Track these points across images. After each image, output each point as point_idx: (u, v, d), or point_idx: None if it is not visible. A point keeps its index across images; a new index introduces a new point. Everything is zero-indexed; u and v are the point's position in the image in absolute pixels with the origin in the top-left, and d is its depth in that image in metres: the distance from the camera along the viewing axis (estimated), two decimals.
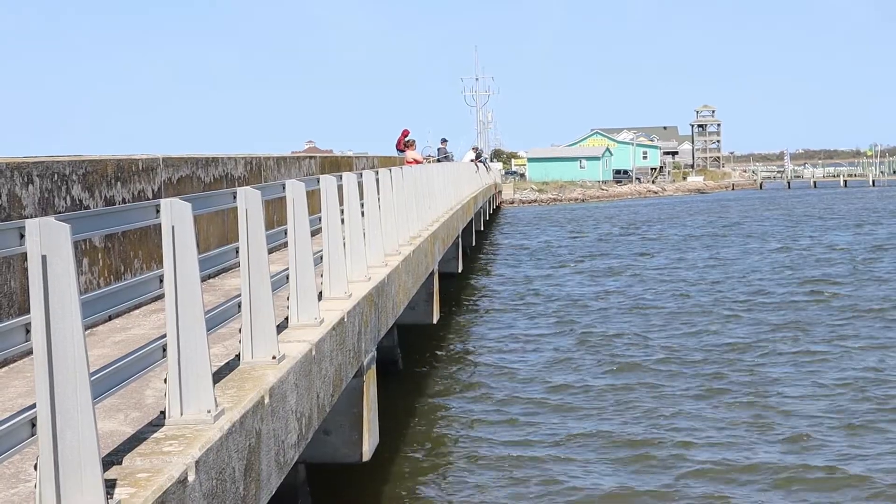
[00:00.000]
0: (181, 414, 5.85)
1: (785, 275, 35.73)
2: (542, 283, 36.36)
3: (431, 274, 19.88)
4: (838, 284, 32.61)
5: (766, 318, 26.48)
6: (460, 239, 30.71)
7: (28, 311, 4.48)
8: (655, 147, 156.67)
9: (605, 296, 32.15)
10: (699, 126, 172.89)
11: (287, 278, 8.84)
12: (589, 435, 15.99)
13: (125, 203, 10.18)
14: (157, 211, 5.94)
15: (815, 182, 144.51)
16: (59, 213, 8.32)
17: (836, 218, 68.39)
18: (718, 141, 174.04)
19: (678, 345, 23.21)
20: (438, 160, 40.13)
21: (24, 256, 4.48)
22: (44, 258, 4.44)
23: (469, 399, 18.78)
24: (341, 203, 11.17)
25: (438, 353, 23.17)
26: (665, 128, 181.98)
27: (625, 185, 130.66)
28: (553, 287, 34.96)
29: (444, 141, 44.00)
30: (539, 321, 27.60)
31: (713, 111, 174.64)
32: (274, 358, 7.35)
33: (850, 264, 38.48)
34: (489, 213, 63.45)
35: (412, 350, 21.50)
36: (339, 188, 11.14)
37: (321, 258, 10.26)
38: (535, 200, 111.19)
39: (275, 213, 14.40)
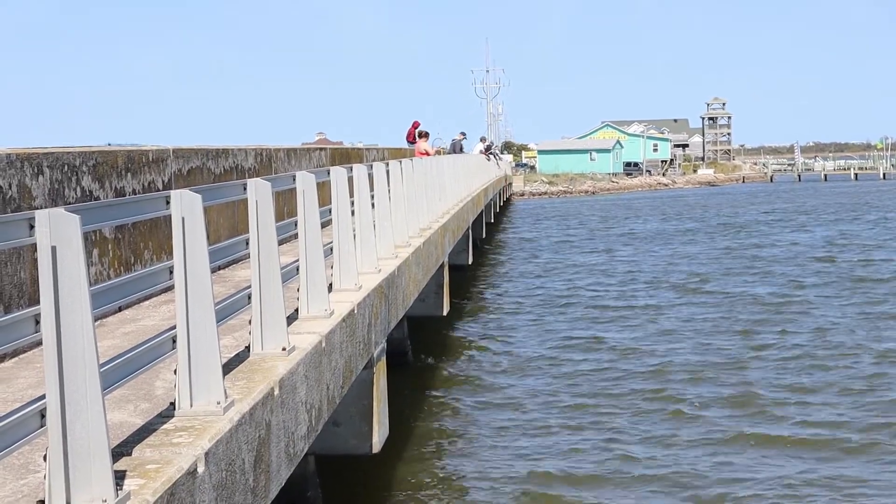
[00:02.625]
0: (191, 405, 5.84)
1: None
2: (551, 275, 36.32)
3: (441, 266, 19.86)
4: None
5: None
6: (470, 231, 30.68)
7: (38, 302, 4.47)
8: (666, 139, 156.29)
9: (614, 288, 32.13)
10: (710, 118, 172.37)
11: (297, 270, 8.82)
12: (599, 427, 15.97)
13: (135, 194, 10.17)
14: (168, 202, 5.93)
15: (825, 175, 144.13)
16: (70, 204, 8.33)
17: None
18: (729, 133, 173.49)
19: (701, 344, 23.19)
20: (450, 152, 40.11)
21: (34, 247, 4.47)
22: (53, 249, 4.43)
23: (479, 391, 18.77)
24: (351, 195, 11.15)
25: (448, 345, 23.15)
26: (676, 120, 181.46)
27: (635, 177, 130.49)
28: (562, 280, 34.92)
29: (462, 134, 44.23)
30: (548, 313, 27.58)
31: (724, 104, 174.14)
32: (284, 349, 7.34)
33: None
34: (499, 206, 63.39)
35: (422, 342, 21.48)
36: (350, 180, 11.12)
37: (331, 250, 10.25)
38: (546, 193, 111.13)
39: (285, 204, 14.39)
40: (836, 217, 62.37)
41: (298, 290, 8.86)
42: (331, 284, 10.03)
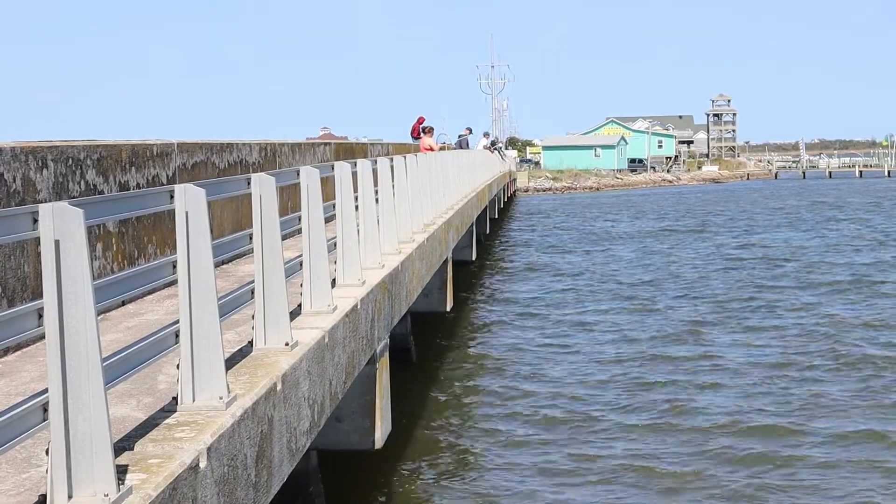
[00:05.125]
0: (193, 400, 5.84)
1: None
2: (555, 271, 36.31)
3: (445, 261, 19.85)
4: None
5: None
6: (474, 227, 30.64)
7: (41, 296, 4.47)
8: (670, 136, 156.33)
9: (618, 285, 32.13)
10: (715, 115, 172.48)
11: (300, 265, 8.82)
12: (603, 423, 15.96)
13: (139, 188, 10.18)
14: (172, 196, 5.93)
15: (830, 172, 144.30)
16: (73, 197, 8.33)
17: None
18: (734, 130, 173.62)
19: (703, 339, 23.19)
20: (456, 148, 40.11)
21: (37, 241, 4.47)
22: (57, 243, 4.42)
23: (482, 387, 18.77)
24: (355, 190, 11.14)
25: (452, 340, 23.15)
26: (680, 117, 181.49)
27: (639, 174, 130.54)
28: (566, 276, 34.90)
29: (468, 129, 44.31)
30: (552, 309, 27.57)
31: (729, 100, 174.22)
32: (287, 345, 7.33)
33: None
34: (504, 201, 63.37)
35: (425, 338, 21.48)
36: (354, 175, 11.11)
37: (335, 245, 10.24)
38: (550, 189, 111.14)
39: (289, 199, 14.39)
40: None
41: (301, 285, 8.86)
42: (334, 280, 10.02)
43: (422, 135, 32.21)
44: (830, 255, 39.08)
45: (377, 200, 12.58)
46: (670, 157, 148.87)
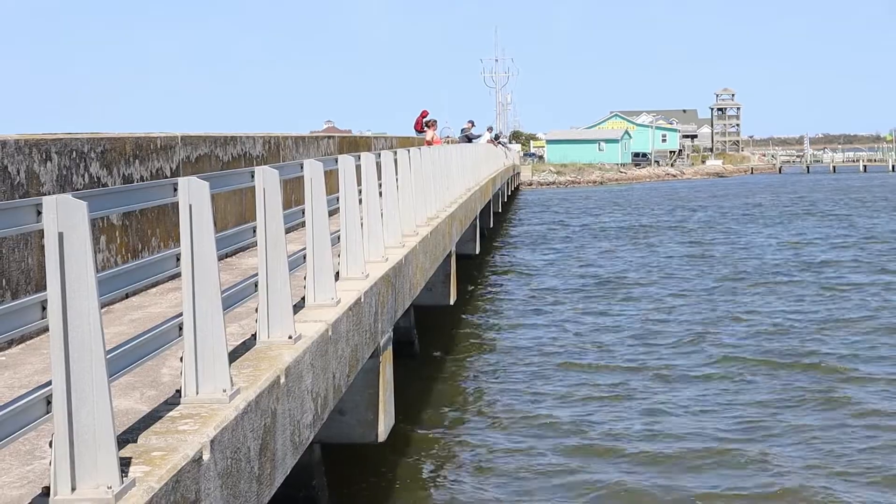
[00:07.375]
0: (197, 393, 5.84)
1: None
2: (558, 265, 36.30)
3: (449, 255, 19.84)
4: None
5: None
6: (478, 220, 30.64)
7: (45, 289, 4.47)
8: (675, 130, 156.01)
9: (621, 280, 32.12)
10: (719, 109, 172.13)
11: (304, 258, 8.82)
12: (605, 420, 15.96)
13: (143, 181, 10.18)
14: (175, 189, 5.92)
15: (834, 167, 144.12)
16: (77, 190, 8.33)
17: None
18: (738, 124, 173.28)
19: (696, 333, 23.19)
20: (460, 141, 40.09)
21: (41, 234, 4.47)
22: (61, 235, 4.42)
23: (485, 380, 18.78)
24: (359, 183, 11.14)
25: (455, 334, 23.16)
26: (684, 111, 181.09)
27: (643, 168, 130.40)
28: (568, 270, 34.90)
29: (470, 122, 44.22)
30: (555, 303, 27.56)
31: (733, 94, 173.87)
32: (290, 338, 7.33)
33: None
34: (507, 195, 63.33)
35: (428, 331, 21.49)
36: (357, 168, 11.10)
37: (338, 238, 10.23)
38: (554, 183, 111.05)
39: (293, 192, 14.38)
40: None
41: (305, 278, 8.86)
42: (337, 273, 10.01)
43: (425, 128, 32.23)
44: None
45: (381, 194, 12.57)
46: (674, 152, 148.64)
